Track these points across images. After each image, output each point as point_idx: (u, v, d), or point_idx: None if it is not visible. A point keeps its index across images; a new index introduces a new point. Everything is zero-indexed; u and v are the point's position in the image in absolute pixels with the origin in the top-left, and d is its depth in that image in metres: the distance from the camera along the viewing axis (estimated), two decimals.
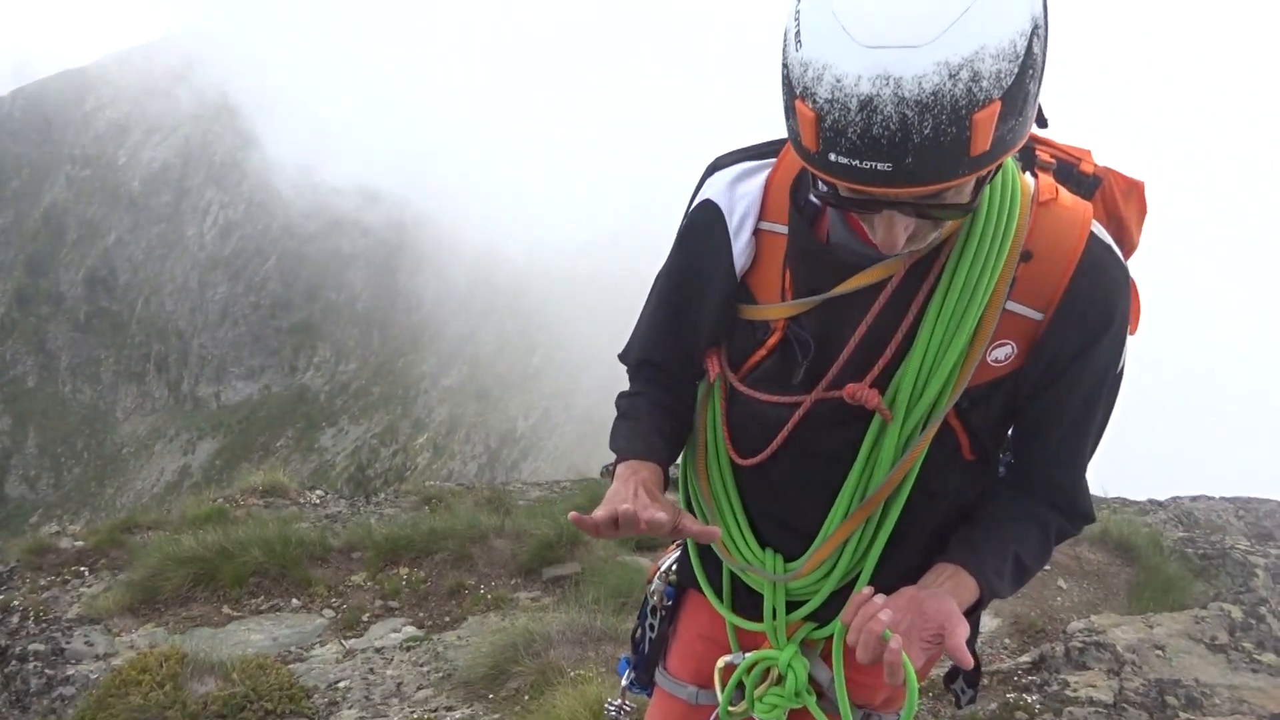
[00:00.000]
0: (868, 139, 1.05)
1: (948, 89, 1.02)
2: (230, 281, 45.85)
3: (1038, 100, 1.14)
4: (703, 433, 1.66)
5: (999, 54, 1.03)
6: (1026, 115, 1.10)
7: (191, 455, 41.38)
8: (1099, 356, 1.39)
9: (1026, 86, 1.07)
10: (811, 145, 1.11)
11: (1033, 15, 1.06)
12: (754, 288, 1.50)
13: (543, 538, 5.44)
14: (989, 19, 1.02)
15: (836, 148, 1.08)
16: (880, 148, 1.05)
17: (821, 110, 1.07)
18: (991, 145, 1.07)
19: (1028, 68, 1.06)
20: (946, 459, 1.47)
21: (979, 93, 1.03)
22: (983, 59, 1.02)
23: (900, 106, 1.02)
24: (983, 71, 1.02)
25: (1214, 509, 7.43)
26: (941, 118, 1.03)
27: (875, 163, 1.06)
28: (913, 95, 1.02)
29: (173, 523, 6.10)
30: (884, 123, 1.04)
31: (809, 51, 1.08)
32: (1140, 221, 1.61)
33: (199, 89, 49.78)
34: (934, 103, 1.02)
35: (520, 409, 37.61)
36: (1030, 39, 1.06)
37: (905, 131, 1.03)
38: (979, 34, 1.02)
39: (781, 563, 1.57)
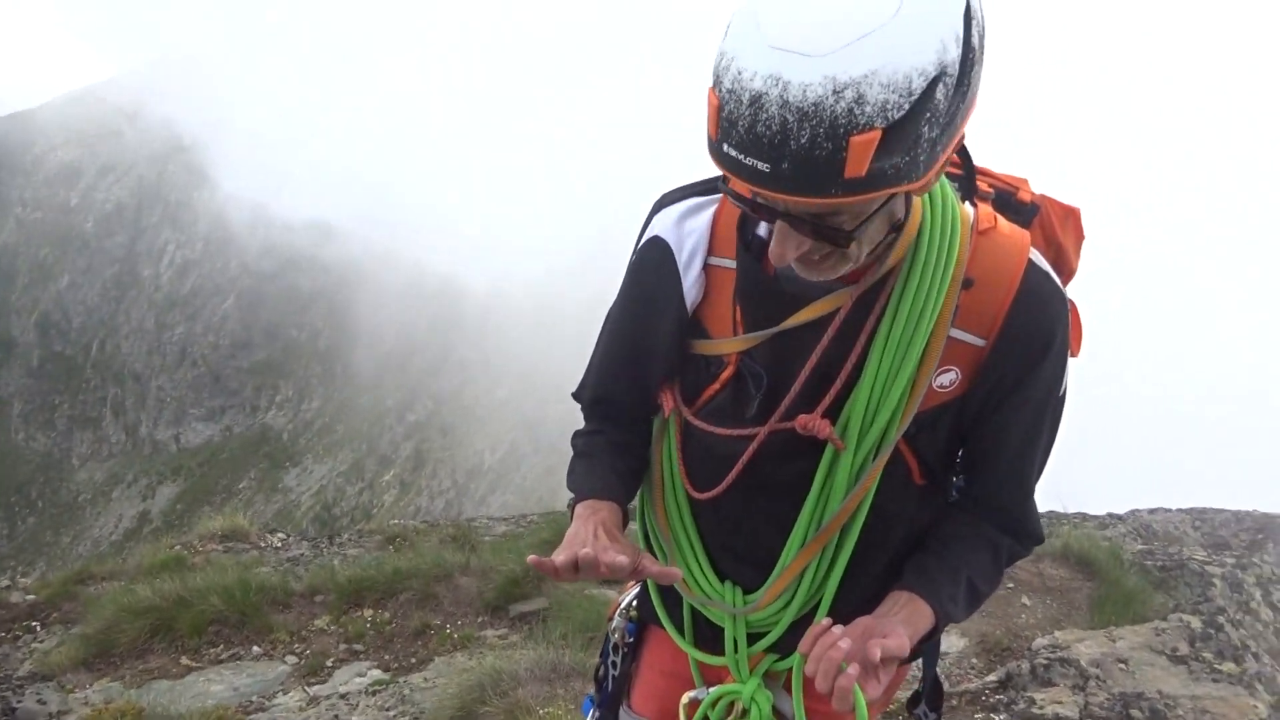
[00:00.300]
0: (752, 135, 1.07)
1: (829, 104, 1.04)
2: (188, 322, 45.24)
3: (939, 149, 1.14)
4: (659, 468, 1.67)
5: (889, 85, 1.04)
6: (916, 158, 1.10)
7: (151, 500, 40.57)
8: (1041, 380, 1.43)
9: (919, 128, 1.08)
10: (712, 133, 1.14)
11: (942, 62, 1.07)
12: (706, 322, 1.51)
13: (509, 574, 5.39)
14: (888, 49, 1.04)
15: (729, 139, 1.11)
16: (761, 146, 1.07)
17: (723, 99, 1.10)
18: (867, 174, 1.07)
19: (923, 109, 1.07)
20: (898, 485, 1.50)
21: (860, 116, 1.04)
22: (871, 84, 1.04)
23: (783, 110, 1.05)
24: (868, 97, 1.04)
25: (1171, 520, 7.55)
26: (819, 130, 1.04)
27: (756, 161, 1.09)
28: (796, 101, 1.04)
29: (128, 572, 5.98)
30: (767, 122, 1.06)
31: (727, 43, 1.12)
32: (1078, 247, 1.65)
33: (151, 128, 49.32)
34: (814, 113, 1.04)
35: (487, 442, 37.37)
36: (933, 83, 1.06)
37: (784, 135, 1.06)
38: (873, 60, 1.03)
39: (741, 595, 1.58)
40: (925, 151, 1.11)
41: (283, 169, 46.37)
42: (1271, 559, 6.40)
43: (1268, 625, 5.23)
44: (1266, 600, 5.56)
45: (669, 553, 1.65)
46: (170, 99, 49.93)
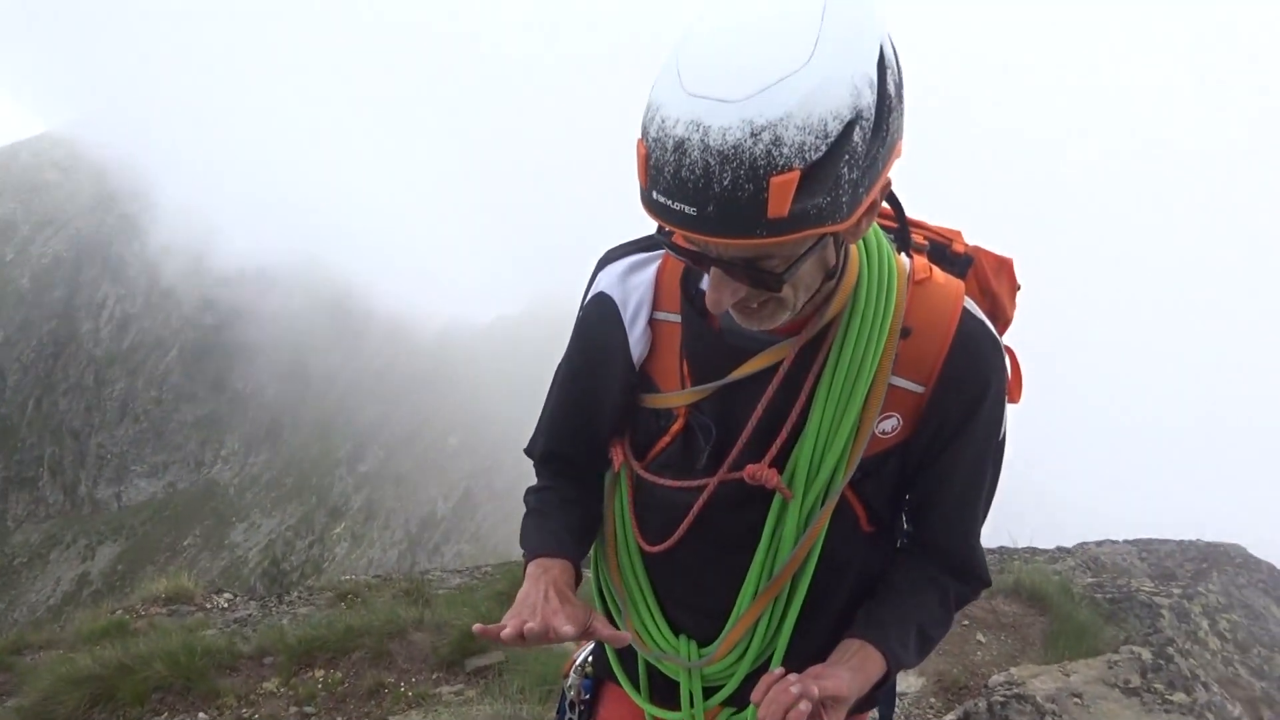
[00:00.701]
0: (678, 180, 1.11)
1: (748, 146, 1.07)
2: (129, 377, 44.19)
3: (862, 191, 1.17)
4: (611, 522, 1.68)
5: (805, 127, 1.08)
6: (839, 199, 1.14)
7: (91, 561, 39.25)
8: (980, 425, 1.48)
9: (838, 169, 1.11)
10: (642, 181, 1.18)
11: (856, 106, 1.11)
12: (654, 376, 1.53)
13: (463, 628, 5.30)
14: (803, 94, 1.07)
15: (657, 186, 1.14)
16: (687, 191, 1.11)
17: (650, 148, 1.14)
18: (790, 214, 1.10)
19: (841, 151, 1.11)
20: (847, 533, 1.52)
21: (778, 157, 1.07)
22: (787, 127, 1.07)
23: (705, 154, 1.08)
24: (784, 139, 1.07)
25: (1118, 552, 7.68)
26: (740, 172, 1.08)
27: (684, 205, 1.12)
28: (716, 145, 1.08)
29: (67, 640, 5.77)
30: (691, 166, 1.09)
31: (653, 94, 1.16)
32: (1012, 296, 1.71)
33: (86, 182, 48.50)
34: (734, 156, 1.07)
35: (440, 491, 36.85)
36: (849, 126, 1.10)
37: (708, 179, 1.09)
38: (788, 104, 1.07)
39: (695, 648, 1.59)
40: (847, 193, 1.14)
41: (223, 219, 45.87)
42: (1216, 588, 6.53)
43: (1215, 654, 5.33)
44: (1213, 629, 5.67)
45: (622, 607, 1.65)
46: (105, 152, 49.23)
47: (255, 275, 44.29)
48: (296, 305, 43.75)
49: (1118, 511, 19.73)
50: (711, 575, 1.55)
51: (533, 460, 1.74)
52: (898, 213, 1.54)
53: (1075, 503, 28.63)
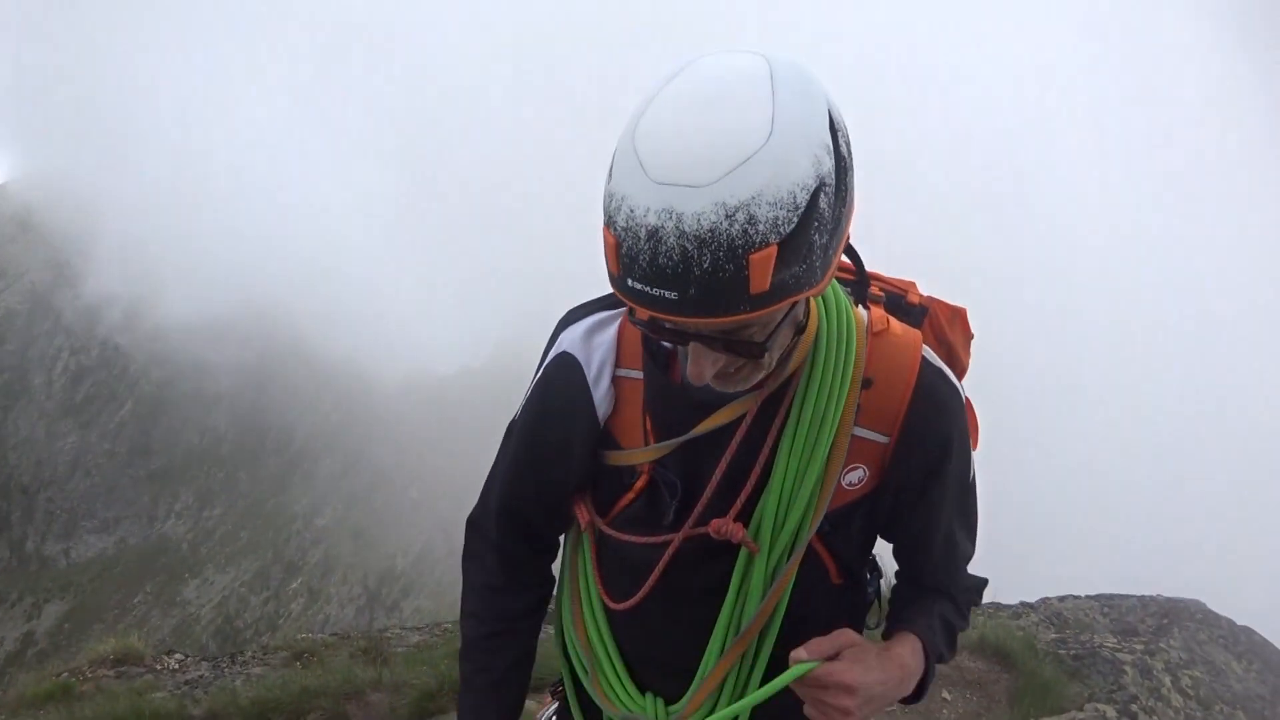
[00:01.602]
0: (655, 267, 1.12)
1: (724, 228, 1.09)
2: (82, 430, 43.24)
3: (831, 252, 1.21)
4: (575, 580, 1.66)
5: (776, 203, 1.10)
6: (813, 265, 1.17)
7: (37, 620, 37.97)
8: (950, 469, 1.51)
9: (810, 237, 1.14)
10: (614, 269, 1.18)
11: (819, 174, 1.14)
12: (616, 433, 1.53)
13: (423, 688, 5.19)
14: (768, 171, 1.10)
15: (632, 274, 1.15)
16: (666, 276, 1.12)
17: (620, 237, 1.14)
18: (771, 287, 1.13)
19: (811, 219, 1.13)
20: (815, 586, 1.52)
21: (755, 235, 1.09)
22: (759, 204, 1.09)
23: (681, 240, 1.09)
24: (759, 216, 1.09)
25: (1081, 608, 7.71)
26: (719, 254, 1.09)
27: (664, 290, 1.13)
28: (692, 230, 1.09)
29: (9, 704, 5.55)
30: (668, 253, 1.10)
31: (615, 184, 1.17)
32: (967, 345, 1.74)
33: (43, 236, 47.95)
34: (711, 239, 1.09)
35: (399, 545, 36.29)
36: (815, 194, 1.13)
37: (686, 264, 1.10)
38: (756, 182, 1.09)
39: (664, 707, 1.57)
40: (819, 257, 1.17)
41: (179, 270, 45.46)
42: (1178, 644, 6.57)
43: (1179, 711, 5.34)
44: (1176, 686, 5.69)
45: (588, 665, 1.63)
46: (59, 205, 48.78)
47: (212, 326, 43.81)
48: (254, 356, 43.28)
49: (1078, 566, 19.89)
50: (678, 631, 1.54)
51: (478, 522, 1.71)
52: (857, 265, 1.57)
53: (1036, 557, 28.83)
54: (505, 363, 36.50)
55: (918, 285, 1.72)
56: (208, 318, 43.92)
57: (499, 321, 45.27)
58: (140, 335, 44.21)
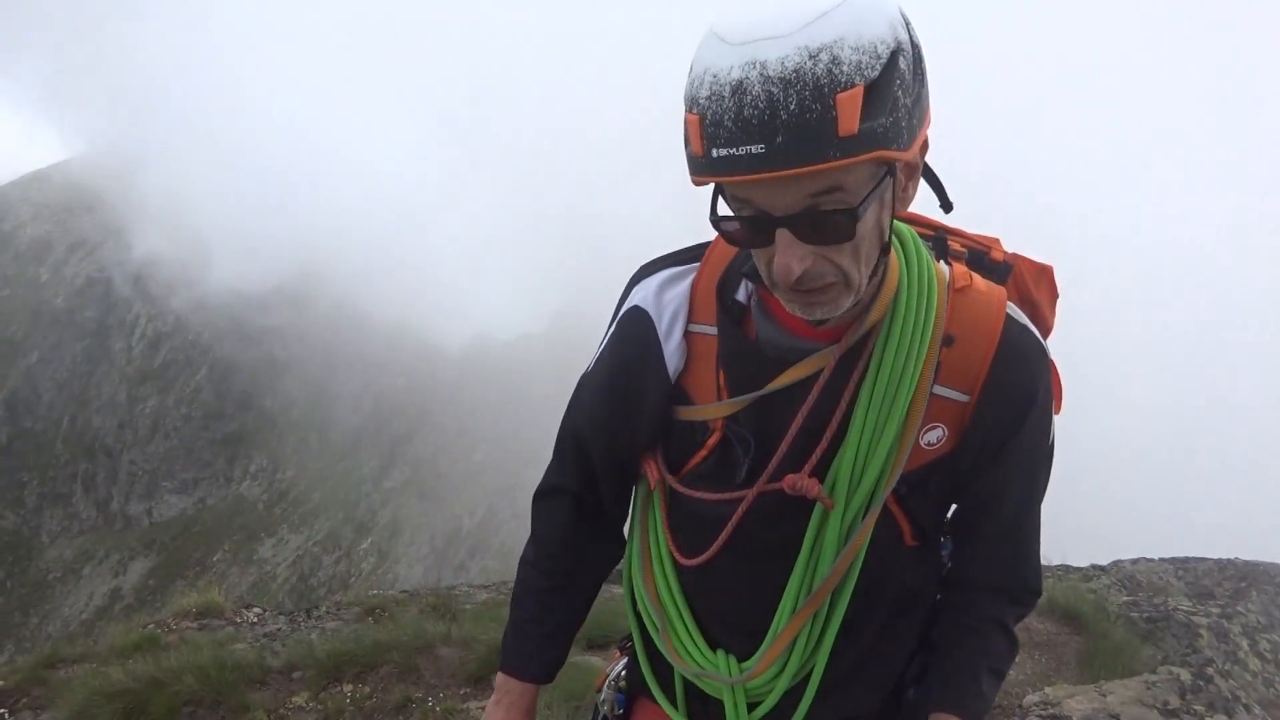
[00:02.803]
0: (741, 122, 1.11)
1: (809, 68, 1.09)
2: (160, 394, 44.72)
3: (916, 121, 1.20)
4: (645, 536, 1.65)
5: (859, 48, 1.11)
6: (899, 123, 1.16)
7: (123, 576, 39.65)
8: (1030, 433, 1.45)
9: (894, 92, 1.14)
10: (697, 149, 1.18)
11: (897, 37, 1.15)
12: (690, 389, 1.51)
13: (491, 643, 5.29)
14: (847, 23, 1.11)
15: (717, 141, 1.14)
16: (752, 129, 1.11)
17: (704, 109, 1.15)
18: (860, 133, 1.11)
19: (893, 75, 1.14)
20: (889, 548, 1.49)
21: (840, 75, 1.09)
22: (842, 48, 1.10)
23: (767, 85, 1.10)
24: (842, 58, 1.10)
25: (1154, 570, 7.55)
26: (805, 94, 1.09)
27: (750, 146, 1.12)
28: (777, 74, 1.10)
29: (100, 654, 5.80)
30: (754, 103, 1.10)
31: (695, 65, 1.18)
32: (1053, 304, 1.68)
33: (121, 204, 49.29)
34: (796, 79, 1.09)
35: (465, 507, 36.94)
36: (895, 53, 1.14)
37: (773, 109, 1.10)
38: (838, 29, 1.11)
39: (736, 664, 1.56)
40: (905, 118, 1.16)
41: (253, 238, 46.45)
42: (1256, 607, 6.41)
43: (1256, 675, 5.22)
44: (1254, 650, 5.55)
45: (659, 623, 1.62)
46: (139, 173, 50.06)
47: (284, 294, 44.81)
48: (324, 323, 44.16)
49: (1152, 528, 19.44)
50: (749, 590, 1.53)
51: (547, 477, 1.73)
52: (938, 190, 1.53)
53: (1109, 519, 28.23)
54: (565, 328, 36.69)
55: (1001, 242, 1.67)
56: (277, 287, 44.96)
57: (560, 288, 45.49)
58: (213, 302, 45.40)
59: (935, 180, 1.49)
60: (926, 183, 1.44)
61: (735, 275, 1.48)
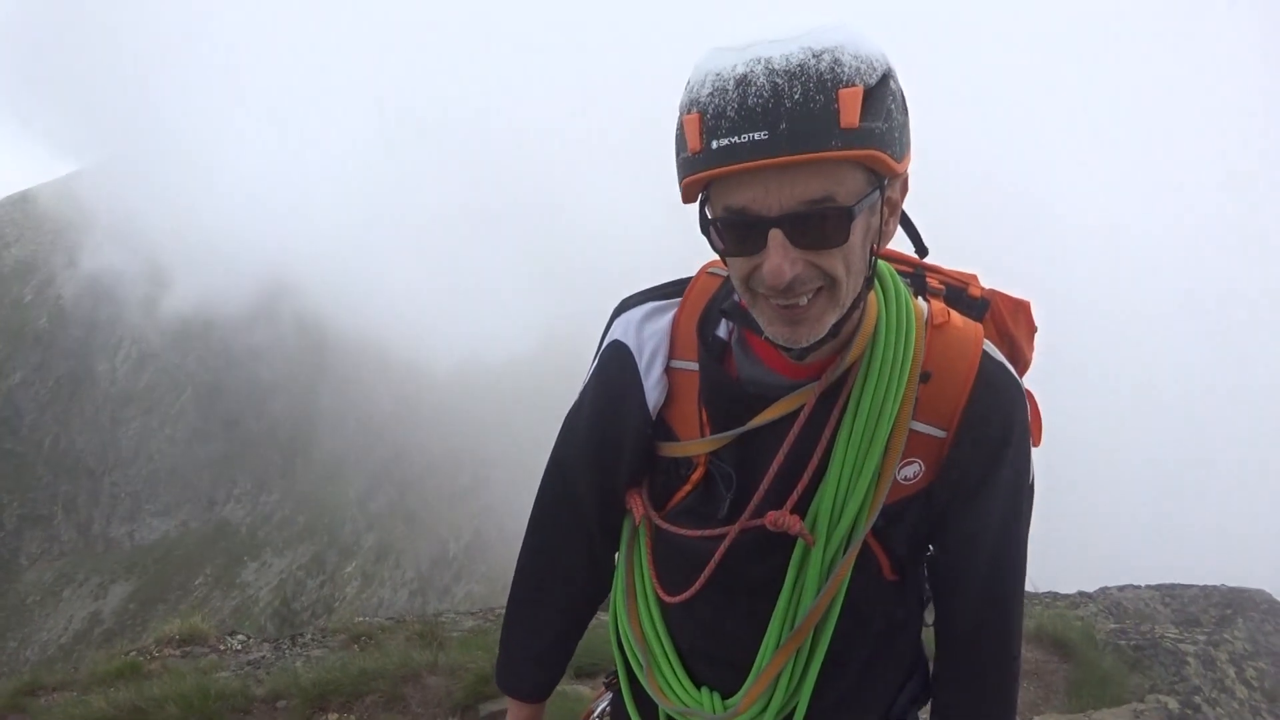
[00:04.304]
0: (744, 110, 1.15)
1: (812, 64, 1.14)
2: (144, 416, 44.40)
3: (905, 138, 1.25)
4: (630, 574, 1.66)
5: (858, 56, 1.17)
6: (893, 130, 1.20)
7: (103, 600, 39.16)
8: (1008, 469, 1.46)
9: (889, 104, 1.19)
10: (694, 145, 1.20)
11: (888, 64, 1.21)
12: (673, 424, 1.53)
13: (478, 672, 5.25)
14: (847, 35, 1.18)
15: (718, 132, 1.17)
16: (756, 117, 1.14)
17: (705, 105, 1.18)
18: (860, 128, 1.15)
19: (888, 88, 1.19)
20: (868, 581, 1.50)
21: (841, 73, 1.15)
22: (842, 52, 1.16)
23: (772, 76, 1.14)
24: (844, 60, 1.16)
25: (1141, 598, 7.56)
26: (809, 85, 1.14)
27: (752, 133, 1.15)
28: (782, 67, 1.14)
29: (81, 681, 5.73)
30: (758, 92, 1.14)
31: (695, 75, 1.22)
32: (1030, 338, 1.70)
33: (108, 226, 49.13)
34: (801, 72, 1.14)
35: (450, 531, 36.78)
36: (888, 73, 1.20)
37: (777, 97, 1.14)
38: (837, 39, 1.17)
39: (720, 701, 1.56)
40: (898, 130, 1.21)
41: (239, 259, 46.32)
42: (1242, 634, 6.42)
43: (1243, 703, 5.22)
44: (1240, 678, 5.56)
45: (643, 659, 1.62)
46: (126, 196, 49.93)
47: (270, 315, 44.66)
48: (309, 344, 44.02)
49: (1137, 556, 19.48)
50: (733, 626, 1.53)
51: (537, 503, 1.74)
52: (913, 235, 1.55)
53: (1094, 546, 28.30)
54: (554, 351, 36.70)
55: (979, 278, 1.68)
56: (264, 308, 44.81)
57: (548, 310, 45.48)
58: (198, 324, 45.20)
59: (911, 226, 1.52)
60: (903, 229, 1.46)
61: (715, 312, 1.49)
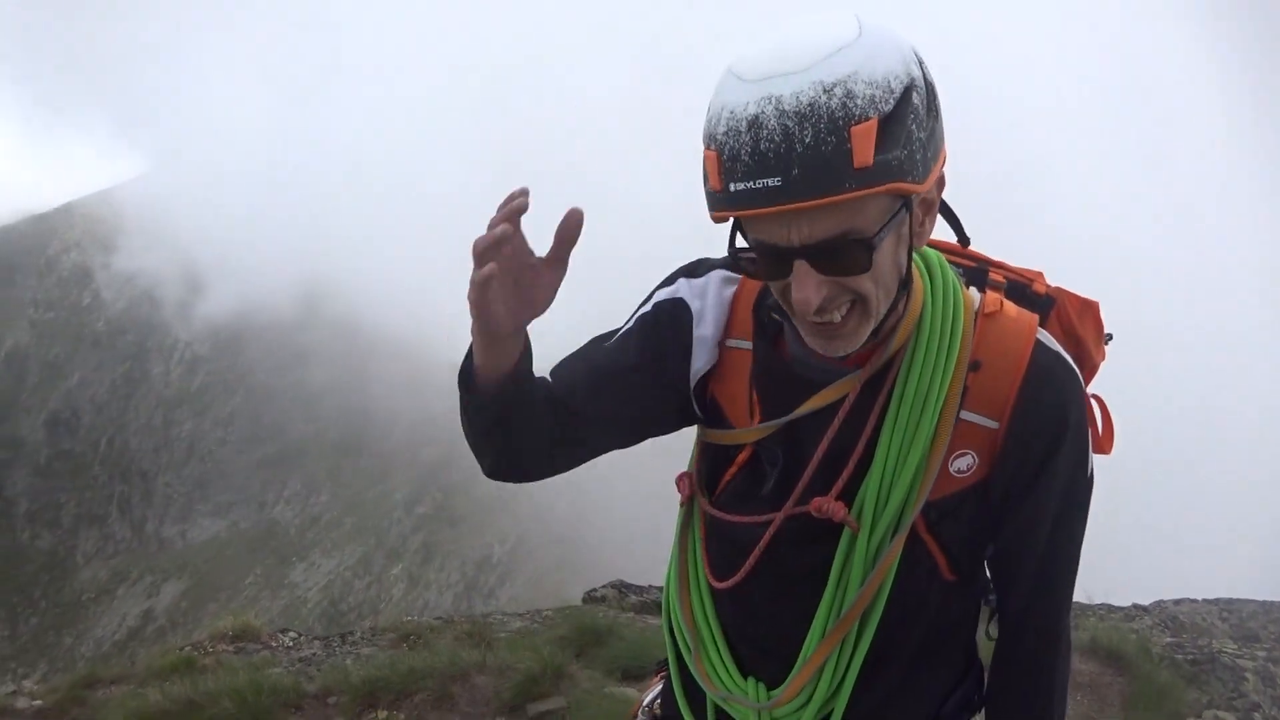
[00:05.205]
0: (757, 156, 1.14)
1: (823, 102, 1.12)
2: (196, 418, 45.34)
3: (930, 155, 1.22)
4: (683, 558, 1.66)
5: (872, 83, 1.14)
6: (913, 155, 1.18)
7: (156, 598, 40.01)
8: (1064, 460, 1.43)
9: (908, 125, 1.17)
10: (715, 184, 1.20)
11: (911, 74, 1.19)
12: (722, 402, 1.53)
13: (526, 672, 5.28)
14: (862, 58, 1.15)
15: (734, 176, 1.17)
16: (768, 163, 1.13)
17: (721, 144, 1.18)
18: (875, 165, 1.14)
19: (907, 109, 1.16)
20: (925, 579, 1.49)
21: (854, 108, 1.12)
22: (856, 82, 1.13)
23: (782, 119, 1.13)
24: (856, 92, 1.13)
25: (1198, 612, 7.40)
26: (820, 127, 1.12)
27: (766, 179, 1.14)
28: (792, 108, 1.13)
29: (137, 675, 5.86)
30: (769, 136, 1.13)
31: (713, 108, 1.21)
32: (1099, 340, 1.67)
33: (163, 230, 50.23)
34: (811, 113, 1.12)
35: (495, 534, 36.96)
36: (909, 88, 1.17)
37: (789, 142, 1.12)
38: (851, 64, 1.15)
39: (765, 690, 1.55)
40: (919, 151, 1.19)
41: (292, 266, 47.10)
42: None
43: None
44: None
45: (692, 646, 1.63)
46: (182, 202, 51.02)
47: (320, 319, 45.34)
48: (357, 349, 44.60)
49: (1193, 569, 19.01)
50: (780, 614, 1.53)
51: None
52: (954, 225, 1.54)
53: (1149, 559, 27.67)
54: None
55: (1045, 276, 1.66)
56: (315, 312, 45.50)
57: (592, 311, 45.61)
58: (250, 327, 46.04)
59: (952, 215, 1.52)
60: (944, 218, 1.46)
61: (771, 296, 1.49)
